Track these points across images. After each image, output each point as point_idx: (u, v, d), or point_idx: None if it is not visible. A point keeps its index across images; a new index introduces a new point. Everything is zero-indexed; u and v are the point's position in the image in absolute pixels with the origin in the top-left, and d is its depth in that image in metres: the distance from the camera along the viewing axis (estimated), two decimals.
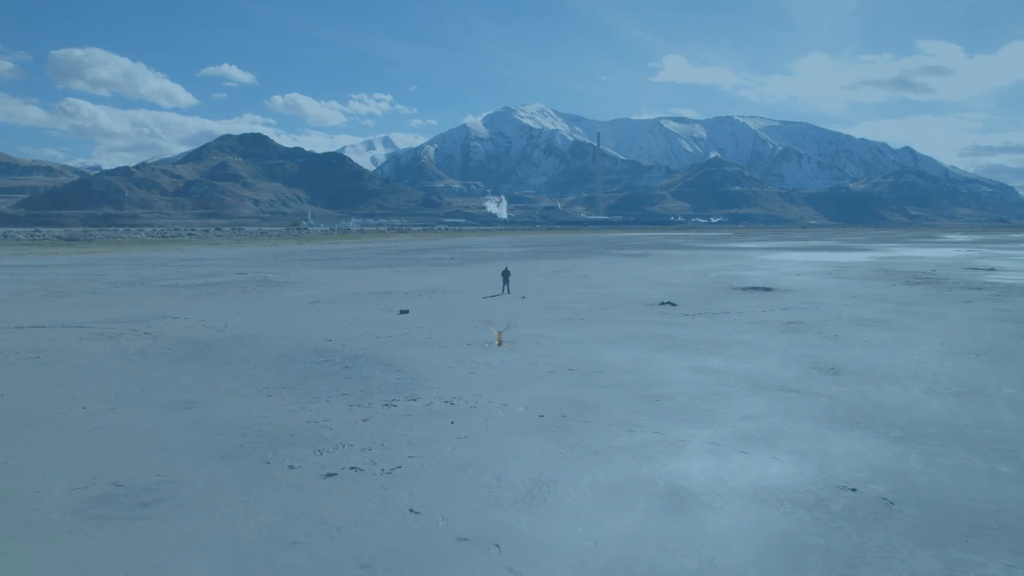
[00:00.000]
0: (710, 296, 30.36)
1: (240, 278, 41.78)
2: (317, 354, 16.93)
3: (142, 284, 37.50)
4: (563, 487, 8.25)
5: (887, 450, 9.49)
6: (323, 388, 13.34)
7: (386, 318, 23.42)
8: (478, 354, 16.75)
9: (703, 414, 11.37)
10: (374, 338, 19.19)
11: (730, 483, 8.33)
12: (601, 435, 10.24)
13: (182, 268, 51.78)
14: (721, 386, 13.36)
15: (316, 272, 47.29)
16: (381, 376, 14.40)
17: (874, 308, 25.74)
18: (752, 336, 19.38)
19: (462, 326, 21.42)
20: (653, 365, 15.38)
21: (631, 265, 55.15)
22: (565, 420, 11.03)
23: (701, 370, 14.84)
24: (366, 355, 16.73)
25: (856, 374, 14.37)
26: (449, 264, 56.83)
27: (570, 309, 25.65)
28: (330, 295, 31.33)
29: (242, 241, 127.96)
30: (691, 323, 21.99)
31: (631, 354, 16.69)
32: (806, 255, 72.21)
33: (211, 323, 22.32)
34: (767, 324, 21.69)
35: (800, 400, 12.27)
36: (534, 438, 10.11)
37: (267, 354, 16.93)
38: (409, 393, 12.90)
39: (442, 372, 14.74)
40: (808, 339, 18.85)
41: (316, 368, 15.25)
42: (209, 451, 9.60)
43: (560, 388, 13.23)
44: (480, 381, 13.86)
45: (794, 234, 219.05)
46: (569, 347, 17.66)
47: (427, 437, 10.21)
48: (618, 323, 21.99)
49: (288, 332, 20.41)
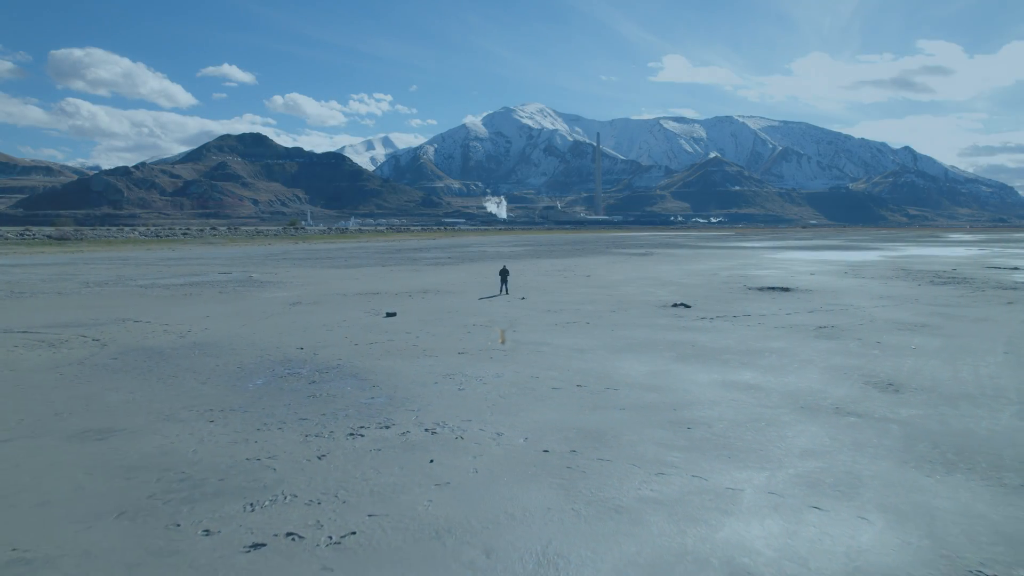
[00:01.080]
0: (725, 297, 27.98)
1: (223, 278, 39.40)
2: (283, 365, 14.55)
3: (117, 284, 35.11)
4: (579, 570, 5.87)
5: (1013, 507, 7.11)
6: (279, 410, 10.96)
7: (370, 322, 21.04)
8: (470, 365, 14.37)
9: (750, 448, 8.99)
10: (352, 346, 16.80)
11: (812, 563, 5.95)
12: (624, 481, 7.87)
13: (166, 267, 49.38)
14: (763, 408, 10.98)
15: (305, 271, 44.90)
16: (352, 394, 12.01)
17: (909, 310, 23.37)
18: (783, 343, 17.00)
19: (454, 331, 19.03)
20: (676, 379, 13.00)
21: (636, 264, 52.76)
22: (576, 458, 8.65)
23: (735, 386, 12.46)
24: (339, 367, 14.35)
25: (922, 392, 11.99)
26: (445, 263, 54.43)
27: (574, 312, 23.27)
28: (314, 296, 28.94)
29: (237, 240, 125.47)
30: (711, 328, 19.60)
31: (649, 365, 14.32)
32: (814, 254, 69.83)
33: (174, 328, 19.95)
34: (796, 329, 19.32)
35: (866, 428, 9.90)
36: (537, 486, 7.74)
37: (225, 365, 14.55)
38: (383, 417, 10.52)
39: (426, 389, 12.35)
40: (849, 347, 16.47)
41: (277, 383, 12.86)
42: (104, 505, 7.22)
43: (567, 410, 10.85)
44: (471, 401, 11.48)
45: (795, 234, 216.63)
46: (576, 357, 15.28)
47: (397, 483, 7.83)
48: (629, 328, 19.61)
49: (257, 338, 18.03)
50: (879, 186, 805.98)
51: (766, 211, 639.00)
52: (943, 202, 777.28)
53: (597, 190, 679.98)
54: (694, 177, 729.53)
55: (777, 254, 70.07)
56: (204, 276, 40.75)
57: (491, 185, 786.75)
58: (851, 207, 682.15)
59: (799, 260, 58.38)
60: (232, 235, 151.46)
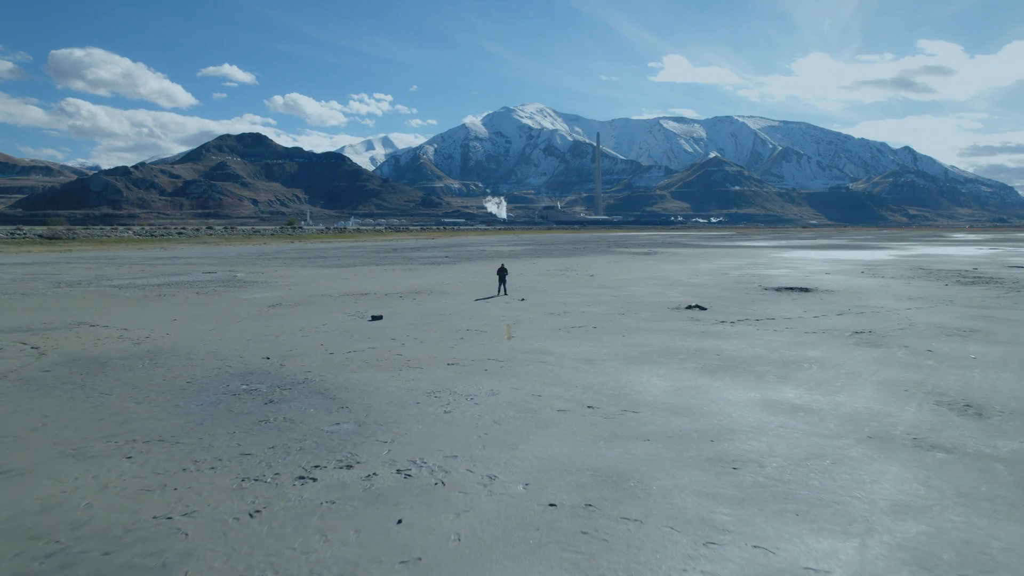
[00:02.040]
0: (741, 298, 25.82)
1: (207, 277, 37.24)
2: (241, 379, 12.38)
3: (90, 284, 32.93)
4: None
5: None
6: (219, 440, 8.80)
7: (352, 326, 18.87)
8: (460, 379, 12.21)
9: (821, 500, 6.83)
10: (326, 355, 14.64)
11: None
12: (661, 555, 5.70)
13: (151, 267, 47.20)
14: (821, 438, 8.82)
15: (294, 271, 42.71)
16: (314, 419, 9.85)
17: (949, 313, 21.21)
18: (820, 351, 14.84)
19: (444, 337, 16.86)
20: (707, 398, 10.84)
21: (640, 263, 50.58)
22: (593, 516, 6.49)
23: (778, 407, 10.30)
24: (306, 382, 12.18)
25: (1014, 416, 9.82)
26: (442, 263, 52.24)
27: (579, 315, 21.10)
28: (297, 297, 26.77)
29: (232, 240, 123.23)
30: (734, 333, 17.43)
31: (671, 379, 12.15)
32: (822, 253, 67.65)
33: (132, 333, 17.78)
34: (830, 335, 17.15)
35: (964, 469, 7.73)
36: (541, 565, 5.57)
37: (172, 379, 12.38)
38: (346, 452, 8.35)
39: (404, 411, 10.18)
40: (897, 356, 14.31)
41: (227, 403, 10.69)
42: None
43: (578, 442, 8.68)
44: (458, 428, 9.31)
45: (796, 233, 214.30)
46: (584, 368, 13.11)
47: (349, 560, 5.67)
48: (643, 333, 17.43)
49: (221, 345, 15.87)
50: (879, 186, 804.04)
51: (766, 211, 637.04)
52: (943, 202, 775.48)
53: (597, 190, 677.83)
54: (694, 177, 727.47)
55: (784, 253, 67.91)
56: (187, 276, 38.59)
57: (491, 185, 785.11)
58: (851, 207, 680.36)
59: (808, 259, 56.22)
60: (228, 234, 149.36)
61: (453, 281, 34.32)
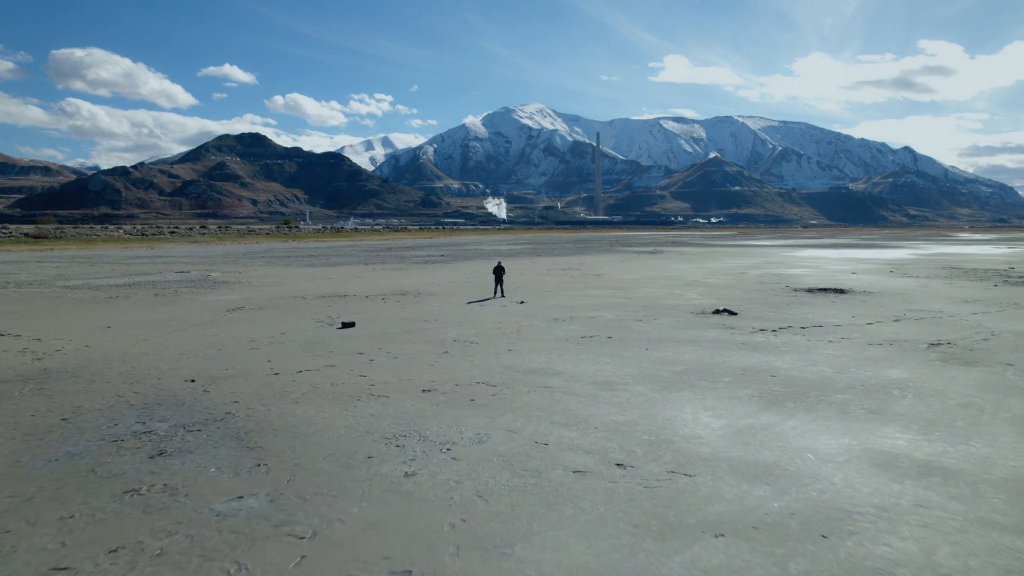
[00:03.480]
0: (772, 301, 22.56)
1: (177, 277, 33.97)
2: (139, 414, 9.11)
3: (42, 285, 29.65)
4: None
5: None
6: (43, 531, 5.52)
7: (316, 336, 15.60)
8: (436, 415, 8.94)
9: None
10: (269, 376, 11.35)
11: None
12: None
13: (125, 266, 43.89)
14: (994, 532, 5.56)
15: (275, 270, 39.42)
16: (209, 487, 6.57)
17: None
18: (904, 371, 11.57)
19: (424, 352, 13.59)
20: (786, 448, 7.57)
21: (648, 263, 47.30)
22: None
23: (897, 466, 7.03)
24: (225, 418, 8.90)
25: None
26: (436, 262, 48.94)
27: (589, 321, 17.83)
28: (264, 299, 23.50)
29: (224, 239, 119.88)
30: (781, 345, 14.17)
31: (726, 415, 8.89)
32: (836, 252, 64.37)
33: (44, 344, 14.52)
34: (901, 347, 13.90)
35: None
36: None
37: (47, 413, 9.11)
38: (232, 559, 5.08)
39: (346, 474, 6.90)
40: (1011, 380, 11.04)
41: (96, 456, 7.42)
42: None
43: (610, 540, 5.41)
44: (421, 511, 6.03)
45: (798, 233, 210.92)
46: (604, 397, 9.84)
47: None
48: (670, 344, 14.17)
49: (143, 362, 12.60)
50: (879, 186, 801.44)
51: (766, 211, 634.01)
52: (943, 202, 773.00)
53: (597, 190, 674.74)
54: (694, 177, 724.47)
55: (795, 252, 64.64)
56: (156, 275, 35.30)
57: (491, 185, 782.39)
58: (851, 207, 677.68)
59: (825, 258, 52.96)
60: (221, 233, 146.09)
61: (445, 281, 31.05)
